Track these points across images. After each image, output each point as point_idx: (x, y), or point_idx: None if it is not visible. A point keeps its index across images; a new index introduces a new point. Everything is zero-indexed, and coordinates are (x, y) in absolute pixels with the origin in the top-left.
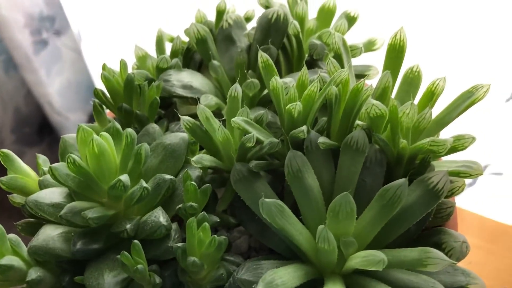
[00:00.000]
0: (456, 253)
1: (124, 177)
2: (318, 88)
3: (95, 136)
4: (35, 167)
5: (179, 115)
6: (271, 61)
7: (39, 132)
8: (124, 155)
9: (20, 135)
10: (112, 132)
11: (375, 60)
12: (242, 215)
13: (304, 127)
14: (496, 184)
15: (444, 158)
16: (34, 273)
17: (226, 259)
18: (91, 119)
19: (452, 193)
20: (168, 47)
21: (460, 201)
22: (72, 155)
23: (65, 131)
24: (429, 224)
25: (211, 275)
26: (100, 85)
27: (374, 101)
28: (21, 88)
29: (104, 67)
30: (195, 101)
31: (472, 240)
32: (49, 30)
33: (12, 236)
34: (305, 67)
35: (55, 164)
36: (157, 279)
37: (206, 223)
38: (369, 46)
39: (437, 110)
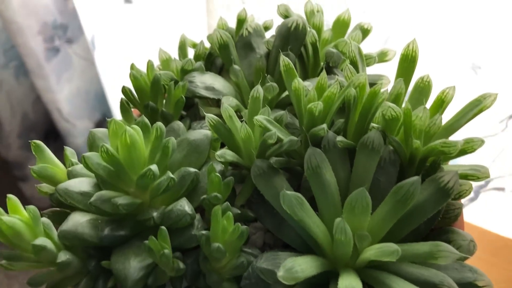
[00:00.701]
0: (464, 251)
1: (154, 167)
2: (338, 90)
3: (127, 127)
4: None
5: (204, 113)
6: (292, 65)
7: (45, 138)
8: (153, 147)
9: (27, 141)
10: (141, 126)
11: (385, 71)
12: (260, 209)
13: (324, 125)
14: (498, 199)
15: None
16: (63, 256)
17: (244, 250)
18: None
19: (460, 195)
20: (189, 53)
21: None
22: (106, 145)
23: (71, 138)
24: (437, 225)
25: (231, 263)
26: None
27: (390, 104)
28: (30, 94)
29: (133, 66)
30: (215, 103)
31: None
32: (61, 38)
33: (44, 219)
34: (324, 72)
35: (87, 153)
36: (181, 265)
37: (229, 212)
38: (382, 56)
39: (445, 119)
